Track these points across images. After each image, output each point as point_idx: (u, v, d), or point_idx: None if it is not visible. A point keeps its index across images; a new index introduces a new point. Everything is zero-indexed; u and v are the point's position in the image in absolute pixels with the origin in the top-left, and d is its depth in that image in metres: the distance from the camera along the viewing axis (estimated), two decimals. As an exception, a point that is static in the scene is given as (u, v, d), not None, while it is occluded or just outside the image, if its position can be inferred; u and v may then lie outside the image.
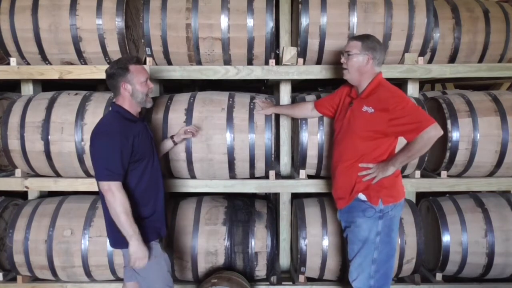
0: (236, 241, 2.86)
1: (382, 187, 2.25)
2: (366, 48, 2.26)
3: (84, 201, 2.99)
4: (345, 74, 2.34)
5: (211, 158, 2.76)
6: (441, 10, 3.11)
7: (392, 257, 2.34)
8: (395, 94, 2.23)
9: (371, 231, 2.26)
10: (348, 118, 2.34)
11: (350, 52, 2.28)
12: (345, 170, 2.32)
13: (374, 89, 2.26)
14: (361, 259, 2.30)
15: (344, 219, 2.41)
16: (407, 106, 2.17)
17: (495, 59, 3.18)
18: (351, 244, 2.35)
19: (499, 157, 2.87)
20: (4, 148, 2.86)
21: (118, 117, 2.12)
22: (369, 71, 2.28)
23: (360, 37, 2.33)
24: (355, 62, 2.27)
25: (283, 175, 3.11)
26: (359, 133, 2.26)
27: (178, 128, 2.70)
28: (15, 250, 2.85)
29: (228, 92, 2.95)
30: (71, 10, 2.76)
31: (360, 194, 2.27)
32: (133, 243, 2.04)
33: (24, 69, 2.91)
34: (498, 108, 2.89)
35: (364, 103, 2.26)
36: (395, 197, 2.29)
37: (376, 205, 2.24)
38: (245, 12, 2.74)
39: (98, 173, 2.04)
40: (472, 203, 3.08)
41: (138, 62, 2.18)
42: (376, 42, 2.31)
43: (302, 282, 3.01)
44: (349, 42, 2.34)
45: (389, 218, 2.27)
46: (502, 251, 2.91)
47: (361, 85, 2.32)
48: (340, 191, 2.37)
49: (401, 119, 2.15)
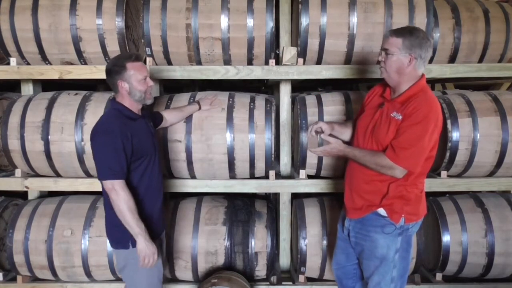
0: (236, 241, 2.86)
1: (408, 203, 2.01)
2: (408, 46, 1.90)
3: (84, 201, 2.99)
4: (382, 73, 2.02)
5: (211, 158, 2.76)
6: (441, 10, 3.10)
7: (407, 271, 2.14)
8: (426, 109, 1.89)
9: (390, 249, 2.04)
10: (375, 121, 2.05)
11: (389, 51, 1.94)
12: (368, 180, 2.06)
13: (413, 95, 1.93)
14: (379, 278, 2.09)
15: (356, 229, 2.16)
16: (417, 128, 1.88)
17: (495, 59, 3.18)
18: (367, 260, 2.13)
19: (499, 157, 2.87)
20: (4, 148, 2.86)
21: (118, 115, 2.09)
22: (411, 72, 1.95)
23: (402, 33, 1.94)
24: (394, 63, 1.94)
25: (283, 175, 3.11)
26: (382, 142, 1.99)
27: (178, 128, 2.71)
28: (15, 250, 2.85)
29: (228, 92, 2.95)
30: (71, 10, 2.76)
31: (381, 209, 2.03)
32: (140, 240, 2.02)
33: (24, 69, 2.90)
34: (498, 108, 2.89)
35: (396, 108, 1.97)
36: (418, 215, 2.07)
37: (397, 222, 2.00)
38: (245, 12, 2.74)
39: (100, 172, 2.02)
40: (472, 203, 3.08)
41: (137, 59, 2.12)
42: (422, 37, 1.92)
43: (302, 282, 3.01)
44: (388, 38, 1.96)
45: (409, 234, 2.07)
46: (502, 251, 2.91)
47: (399, 87, 2.00)
48: (358, 201, 2.10)
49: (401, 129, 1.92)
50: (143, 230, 2.02)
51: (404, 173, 1.95)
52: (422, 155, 1.94)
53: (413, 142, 1.89)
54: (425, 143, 1.90)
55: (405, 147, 1.90)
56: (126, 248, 2.09)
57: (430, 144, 1.94)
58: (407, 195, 2.01)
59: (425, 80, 2.02)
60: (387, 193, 2.01)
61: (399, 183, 2.00)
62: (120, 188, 1.99)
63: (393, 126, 1.95)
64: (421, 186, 2.08)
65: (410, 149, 1.90)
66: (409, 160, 1.91)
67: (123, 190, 1.99)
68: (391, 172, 1.96)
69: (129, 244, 2.08)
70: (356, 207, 2.13)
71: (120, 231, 2.07)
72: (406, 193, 2.01)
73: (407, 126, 1.90)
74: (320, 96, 2.99)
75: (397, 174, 1.96)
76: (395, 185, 2.01)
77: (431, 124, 1.89)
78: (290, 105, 3.09)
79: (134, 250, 2.06)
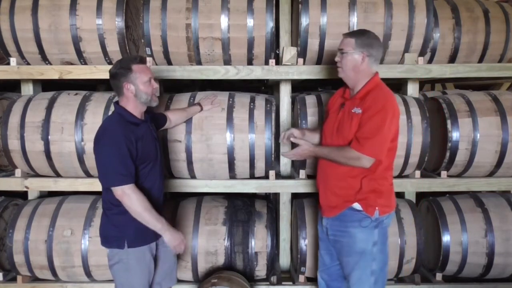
0: (236, 241, 2.86)
1: (381, 196, 2.13)
2: (361, 45, 2.11)
3: (84, 201, 2.99)
4: (340, 72, 2.20)
5: (211, 158, 2.76)
6: (441, 10, 3.11)
7: (386, 263, 2.25)
8: (383, 101, 2.06)
9: (368, 242, 2.13)
10: (339, 120, 2.20)
11: (344, 50, 2.14)
12: (340, 177, 2.17)
13: (370, 90, 2.12)
14: (359, 272, 2.17)
15: (334, 227, 2.24)
16: (376, 118, 2.02)
17: (495, 59, 3.18)
18: (346, 257, 2.20)
19: (499, 157, 2.87)
20: (4, 148, 2.86)
21: (120, 120, 2.08)
22: (365, 70, 2.14)
23: (355, 33, 2.18)
24: (349, 61, 2.13)
25: (283, 175, 3.10)
26: (348, 137, 2.12)
27: (178, 128, 2.72)
28: (15, 250, 2.85)
29: (228, 92, 2.95)
30: (71, 10, 2.75)
31: (356, 203, 2.14)
32: (165, 234, 2.09)
33: (24, 69, 2.90)
34: (498, 108, 2.89)
35: (355, 104, 2.12)
36: (390, 207, 2.20)
37: (372, 215, 2.12)
38: (245, 12, 2.74)
39: (109, 179, 2.01)
40: (472, 203, 3.08)
41: (142, 62, 2.14)
42: (372, 38, 2.15)
43: (302, 282, 3.01)
44: (343, 39, 2.18)
45: (384, 226, 2.18)
46: (502, 251, 2.91)
47: (356, 85, 2.18)
48: (333, 198, 2.20)
49: (362, 122, 2.05)
50: (164, 223, 2.09)
51: (371, 161, 2.06)
52: (385, 142, 2.07)
53: (375, 131, 2.03)
54: (385, 131, 2.04)
55: (368, 136, 2.03)
56: (121, 248, 2.09)
57: (390, 132, 2.08)
58: (379, 188, 2.13)
59: (379, 77, 2.19)
60: (361, 188, 2.13)
61: (371, 178, 2.12)
62: (131, 192, 1.99)
63: (355, 121, 2.09)
64: (390, 179, 2.23)
65: (373, 138, 2.03)
66: (373, 148, 2.04)
67: (134, 193, 2.00)
68: (359, 162, 2.07)
69: (124, 244, 2.08)
70: (332, 205, 2.22)
71: (117, 231, 2.08)
72: (378, 186, 2.13)
73: (367, 117, 2.05)
74: (320, 96, 2.99)
75: (364, 164, 2.07)
76: (367, 180, 2.12)
77: (389, 113, 2.05)
78: (290, 105, 3.10)
79: (129, 250, 2.08)
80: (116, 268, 2.13)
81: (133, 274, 2.11)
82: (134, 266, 2.10)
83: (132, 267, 2.10)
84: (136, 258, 2.10)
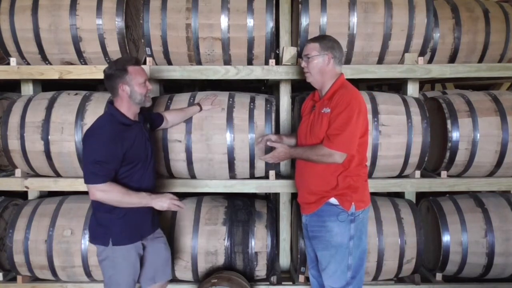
0: (236, 241, 2.86)
1: (356, 191, 2.21)
2: (324, 48, 2.23)
3: (84, 201, 2.98)
4: (308, 77, 2.31)
5: (211, 158, 2.76)
6: (441, 10, 3.11)
7: (364, 260, 2.31)
8: (348, 98, 2.15)
9: (344, 236, 2.20)
10: (311, 122, 2.29)
11: (310, 55, 2.25)
12: (316, 175, 2.25)
13: (336, 90, 2.22)
14: (335, 266, 2.23)
15: (312, 223, 2.31)
16: (343, 115, 2.12)
17: (495, 59, 3.18)
18: (323, 251, 2.27)
19: (499, 157, 2.87)
20: (4, 148, 2.86)
21: (112, 120, 2.12)
22: (331, 71, 2.25)
23: (317, 38, 2.31)
24: (316, 64, 2.24)
25: (283, 175, 3.10)
26: (319, 136, 2.21)
27: (178, 128, 2.72)
28: (15, 250, 2.85)
29: (228, 92, 2.95)
30: (71, 10, 2.76)
31: (332, 198, 2.22)
32: (153, 203, 2.14)
33: (24, 69, 2.90)
34: (498, 108, 2.89)
35: (324, 105, 2.23)
36: (365, 202, 2.28)
37: (348, 210, 2.19)
38: (245, 12, 2.74)
39: (85, 177, 2.05)
40: (472, 203, 3.08)
41: (137, 63, 2.17)
42: (333, 41, 2.28)
43: (302, 282, 3.01)
44: (307, 45, 2.30)
45: (360, 221, 2.24)
46: (502, 251, 2.91)
47: (324, 87, 2.29)
48: (310, 196, 2.28)
49: (331, 120, 2.14)
50: (147, 196, 2.13)
51: (343, 157, 2.15)
52: (353, 137, 2.16)
53: (343, 127, 2.12)
54: (352, 126, 2.13)
55: (337, 133, 2.13)
56: (106, 246, 2.14)
57: (357, 126, 2.17)
58: (354, 184, 2.22)
59: (344, 77, 2.30)
60: (337, 184, 2.21)
61: (346, 174, 2.21)
62: (105, 187, 2.03)
63: (325, 120, 2.19)
64: (364, 176, 2.31)
65: (342, 134, 2.12)
66: (343, 143, 2.13)
67: (108, 186, 2.03)
68: (331, 159, 2.16)
69: (109, 242, 2.13)
70: (310, 202, 2.30)
71: (102, 230, 2.14)
72: (353, 182, 2.22)
73: (335, 115, 2.15)
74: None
75: (337, 159, 2.16)
76: (343, 177, 2.21)
77: (355, 109, 2.14)
78: (290, 105, 3.09)
79: (114, 248, 2.13)
80: (104, 264, 2.19)
81: (119, 271, 2.18)
82: (120, 263, 2.16)
83: (118, 264, 2.16)
84: (122, 256, 2.16)
